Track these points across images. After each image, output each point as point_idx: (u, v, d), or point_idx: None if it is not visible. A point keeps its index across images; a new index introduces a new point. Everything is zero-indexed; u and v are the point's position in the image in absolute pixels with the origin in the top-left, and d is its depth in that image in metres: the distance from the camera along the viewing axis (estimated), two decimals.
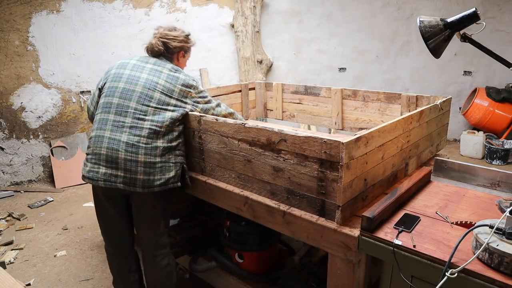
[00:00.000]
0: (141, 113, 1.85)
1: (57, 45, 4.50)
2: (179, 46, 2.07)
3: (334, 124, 3.09)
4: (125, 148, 1.80)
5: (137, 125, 1.83)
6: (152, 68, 1.96)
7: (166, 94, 1.92)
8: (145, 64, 1.98)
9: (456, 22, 1.48)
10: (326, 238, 1.51)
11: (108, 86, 1.94)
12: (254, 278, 2.14)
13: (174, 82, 1.96)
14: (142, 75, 1.93)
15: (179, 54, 2.11)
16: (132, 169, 1.80)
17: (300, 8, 5.61)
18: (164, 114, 1.89)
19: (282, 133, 1.60)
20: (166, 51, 2.05)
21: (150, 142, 1.83)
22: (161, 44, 2.02)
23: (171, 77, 1.96)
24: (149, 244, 1.98)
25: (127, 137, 1.81)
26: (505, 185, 1.80)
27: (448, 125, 2.40)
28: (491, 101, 4.80)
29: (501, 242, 1.17)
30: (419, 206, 1.62)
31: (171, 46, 2.04)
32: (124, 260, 2.07)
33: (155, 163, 1.83)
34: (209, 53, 5.58)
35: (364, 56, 5.59)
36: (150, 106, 1.87)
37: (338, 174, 1.42)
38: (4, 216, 3.67)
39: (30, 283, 2.65)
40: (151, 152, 1.82)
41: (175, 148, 1.93)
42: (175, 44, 2.05)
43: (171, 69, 1.99)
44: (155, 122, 1.85)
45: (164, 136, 1.88)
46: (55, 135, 4.64)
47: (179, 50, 2.09)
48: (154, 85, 1.90)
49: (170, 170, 1.88)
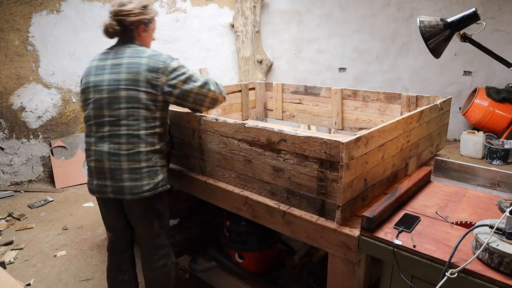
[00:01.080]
0: (115, 119, 1.75)
1: (57, 45, 4.50)
2: (136, 20, 1.83)
3: (334, 124, 3.09)
4: (108, 157, 1.76)
5: (114, 133, 1.76)
6: (112, 63, 1.80)
7: (132, 88, 1.74)
8: (105, 62, 1.82)
9: (456, 22, 1.48)
10: (326, 238, 1.51)
11: (83, 98, 1.86)
12: (254, 278, 2.14)
13: (137, 69, 1.75)
14: (104, 77, 1.79)
15: (139, 29, 1.87)
16: (117, 177, 1.76)
17: (300, 8, 5.61)
18: (137, 115, 1.75)
19: (282, 133, 1.60)
20: (123, 30, 1.83)
21: (131, 148, 1.75)
22: (116, 23, 1.80)
23: (132, 65, 1.76)
24: (146, 244, 1.98)
25: (108, 147, 1.76)
26: (505, 185, 1.80)
27: (448, 125, 2.40)
28: (491, 101, 4.80)
29: (501, 242, 1.17)
30: (419, 206, 1.62)
31: (127, 22, 1.81)
32: (116, 257, 2.07)
33: (140, 169, 1.76)
34: (209, 53, 5.58)
35: (364, 56, 5.59)
36: (121, 108, 1.74)
37: (338, 174, 1.42)
38: (4, 216, 3.67)
39: (30, 283, 2.65)
40: (134, 158, 1.75)
41: (160, 151, 1.84)
42: (132, 19, 1.81)
43: (131, 55, 1.79)
44: (130, 126, 1.75)
45: (145, 139, 1.77)
46: (55, 135, 4.64)
47: (138, 24, 1.85)
48: (116, 85, 1.75)
49: (157, 174, 1.82)
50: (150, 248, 1.97)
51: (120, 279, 2.06)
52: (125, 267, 2.07)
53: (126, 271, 2.07)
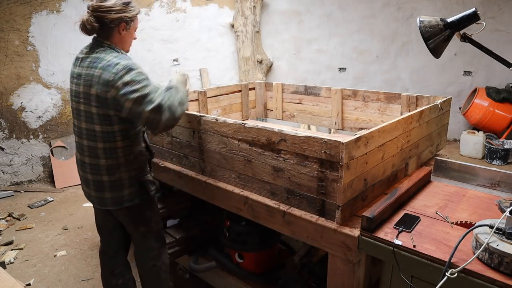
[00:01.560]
0: (80, 131, 1.75)
1: (57, 45, 4.50)
2: (116, 18, 1.67)
3: (334, 124, 3.09)
4: (90, 168, 1.76)
5: (81, 143, 1.76)
6: (77, 73, 1.71)
7: (86, 103, 1.66)
8: (74, 69, 1.74)
9: (456, 22, 1.48)
10: (326, 238, 1.51)
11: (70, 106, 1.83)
12: (254, 278, 2.14)
13: (89, 83, 1.63)
14: (72, 87, 1.74)
15: (119, 28, 1.71)
16: (98, 189, 1.78)
17: (300, 8, 5.60)
18: (94, 130, 1.69)
19: (282, 133, 1.60)
20: (102, 27, 1.68)
21: (93, 161, 1.73)
22: (94, 19, 1.65)
23: (87, 77, 1.65)
24: (135, 245, 2.00)
25: (89, 159, 1.75)
26: (505, 185, 1.80)
27: (448, 125, 2.40)
28: (491, 101, 4.80)
29: (501, 242, 1.17)
30: (419, 206, 1.62)
31: (107, 20, 1.66)
32: (107, 260, 2.07)
33: (102, 182, 1.75)
34: (209, 53, 5.58)
35: (364, 56, 5.59)
36: (81, 121, 1.71)
37: (338, 174, 1.42)
38: (4, 216, 3.67)
39: (30, 283, 2.65)
40: (96, 171, 1.74)
41: (126, 164, 1.76)
42: (112, 16, 1.66)
43: (89, 64, 1.66)
44: (90, 140, 1.71)
45: (104, 155, 1.72)
46: (55, 135, 4.64)
47: (118, 22, 1.69)
48: (77, 98, 1.70)
49: (123, 188, 1.78)
50: (139, 248, 1.99)
51: (114, 284, 2.06)
52: (118, 271, 2.05)
53: (120, 275, 2.06)
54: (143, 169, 1.85)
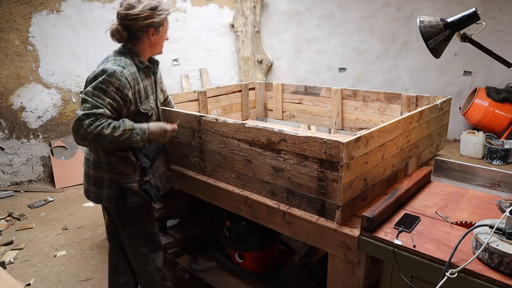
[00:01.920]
0: None
1: (57, 45, 4.50)
2: (144, 25, 1.68)
3: (334, 124, 3.09)
4: (84, 161, 1.88)
5: None
6: None
7: None
8: None
9: (456, 22, 1.48)
10: (326, 238, 1.51)
11: None
12: (254, 278, 2.14)
13: None
14: None
15: (148, 34, 1.72)
16: (86, 181, 1.87)
17: (300, 8, 5.60)
18: None
19: (282, 133, 1.60)
20: (131, 36, 1.71)
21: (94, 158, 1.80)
22: (122, 28, 1.68)
23: None
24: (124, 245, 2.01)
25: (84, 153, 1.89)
26: (505, 185, 1.80)
27: (448, 125, 2.40)
28: (491, 101, 4.79)
29: (501, 242, 1.17)
30: (419, 206, 1.62)
31: (135, 28, 1.68)
32: (111, 257, 2.12)
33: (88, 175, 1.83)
34: (209, 53, 5.58)
35: (364, 56, 5.59)
36: None
37: (338, 174, 1.42)
38: (4, 216, 3.67)
39: (30, 283, 2.65)
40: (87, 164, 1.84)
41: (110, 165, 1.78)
42: (139, 24, 1.66)
43: None
44: None
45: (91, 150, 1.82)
46: (55, 135, 4.64)
47: (147, 29, 1.70)
48: None
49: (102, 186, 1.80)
50: (127, 249, 1.99)
51: (117, 281, 2.08)
52: (121, 269, 2.08)
53: (123, 274, 2.08)
54: (128, 176, 1.80)
